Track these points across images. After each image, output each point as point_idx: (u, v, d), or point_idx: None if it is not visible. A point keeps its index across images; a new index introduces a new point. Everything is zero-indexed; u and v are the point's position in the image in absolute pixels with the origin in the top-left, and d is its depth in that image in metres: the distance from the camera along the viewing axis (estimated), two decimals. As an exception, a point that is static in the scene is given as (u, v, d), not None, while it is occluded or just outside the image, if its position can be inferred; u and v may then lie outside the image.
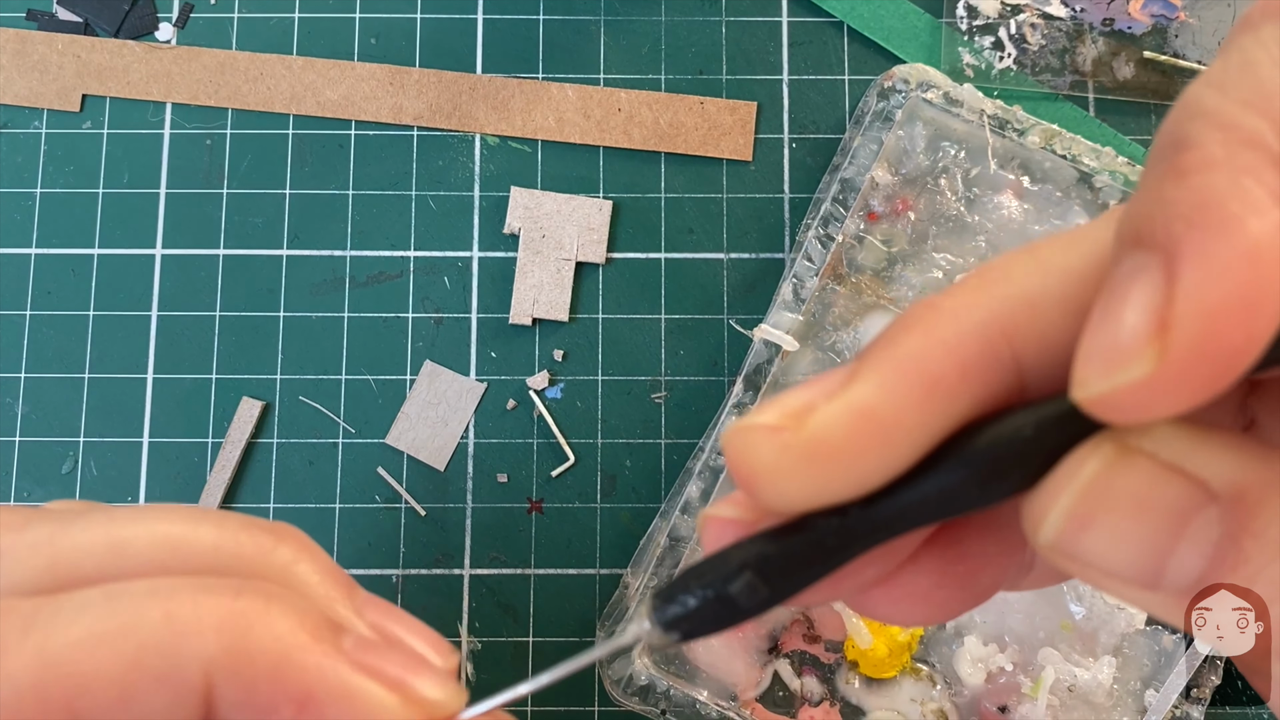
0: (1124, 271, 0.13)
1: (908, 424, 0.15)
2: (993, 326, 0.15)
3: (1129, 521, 0.14)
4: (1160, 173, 0.13)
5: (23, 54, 0.45)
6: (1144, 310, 0.13)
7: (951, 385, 0.15)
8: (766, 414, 0.16)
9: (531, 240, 0.43)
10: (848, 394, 0.15)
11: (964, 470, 0.15)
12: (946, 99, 0.41)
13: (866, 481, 0.15)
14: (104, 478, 0.42)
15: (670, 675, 0.39)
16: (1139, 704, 0.38)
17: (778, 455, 0.15)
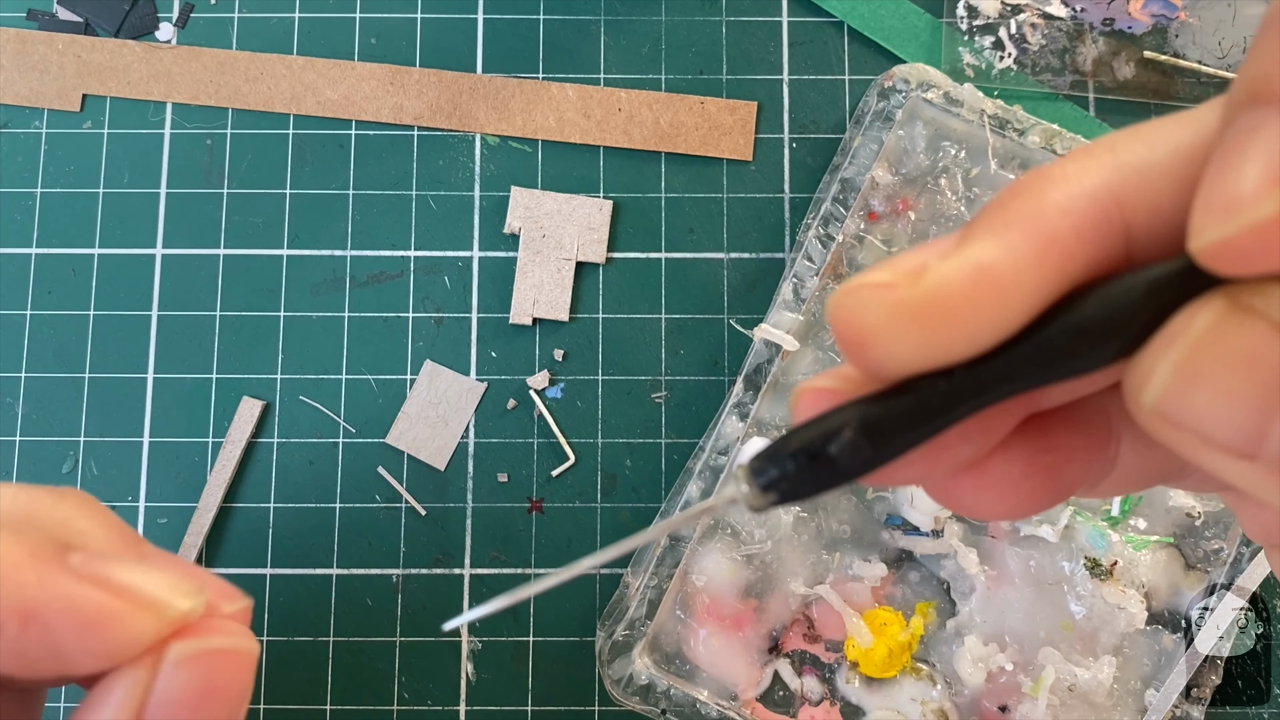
0: (1241, 125, 0.13)
1: (1024, 281, 0.15)
2: (1104, 191, 0.15)
3: (1237, 381, 0.14)
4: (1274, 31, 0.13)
5: (23, 54, 0.45)
6: (1265, 157, 0.13)
7: (1067, 245, 0.15)
8: (878, 273, 0.16)
9: (532, 240, 0.43)
10: (964, 252, 0.15)
11: (1073, 331, 0.15)
12: (947, 99, 0.41)
13: (979, 341, 0.15)
14: (104, 478, 0.42)
15: (670, 675, 0.39)
16: (1139, 704, 0.38)
17: (891, 313, 0.15)
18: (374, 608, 0.42)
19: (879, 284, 0.15)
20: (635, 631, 0.39)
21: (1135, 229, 0.15)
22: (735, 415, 0.40)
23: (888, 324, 0.15)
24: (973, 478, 0.17)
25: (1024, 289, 0.15)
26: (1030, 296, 0.15)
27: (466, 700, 0.41)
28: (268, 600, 0.42)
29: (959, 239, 0.16)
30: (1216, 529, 0.39)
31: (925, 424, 0.16)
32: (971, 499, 0.18)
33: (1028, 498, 0.18)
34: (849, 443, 0.16)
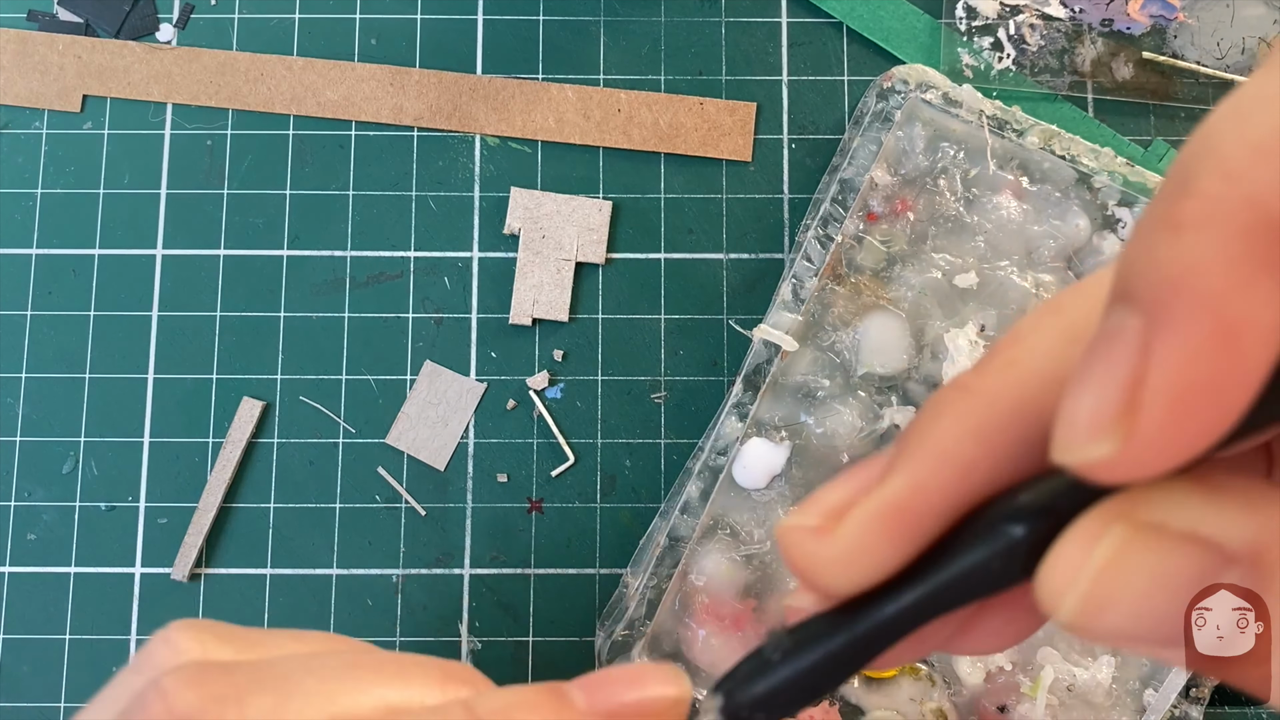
0: (1107, 329, 0.13)
1: (938, 512, 0.16)
2: (1023, 406, 0.16)
3: (1148, 598, 0.14)
4: (1158, 220, 0.13)
5: (24, 54, 0.45)
6: (1117, 383, 0.13)
7: (984, 470, 0.16)
8: (808, 515, 0.17)
9: (531, 240, 0.43)
10: (879, 492, 0.16)
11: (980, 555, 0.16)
12: (945, 100, 0.42)
13: (899, 564, 0.16)
14: (104, 478, 0.42)
15: (670, 675, 0.39)
16: (1138, 703, 0.39)
17: (817, 558, 0.17)
18: (374, 608, 0.42)
19: (808, 529, 0.17)
20: (635, 631, 0.39)
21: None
22: (735, 415, 0.40)
23: (817, 563, 0.17)
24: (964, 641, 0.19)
25: (940, 517, 0.16)
26: (947, 520, 0.16)
27: (466, 700, 0.41)
28: (268, 600, 0.42)
29: (883, 469, 0.17)
30: (1215, 529, 0.39)
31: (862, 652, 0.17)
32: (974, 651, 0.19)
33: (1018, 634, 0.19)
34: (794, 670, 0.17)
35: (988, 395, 0.16)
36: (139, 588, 0.42)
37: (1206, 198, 0.12)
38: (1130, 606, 0.14)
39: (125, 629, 0.42)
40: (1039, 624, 0.19)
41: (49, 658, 0.41)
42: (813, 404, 0.41)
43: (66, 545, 0.42)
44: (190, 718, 0.19)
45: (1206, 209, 0.12)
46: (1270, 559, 0.14)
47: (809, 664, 0.17)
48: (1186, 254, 0.12)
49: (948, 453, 0.16)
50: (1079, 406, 0.14)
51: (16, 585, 0.42)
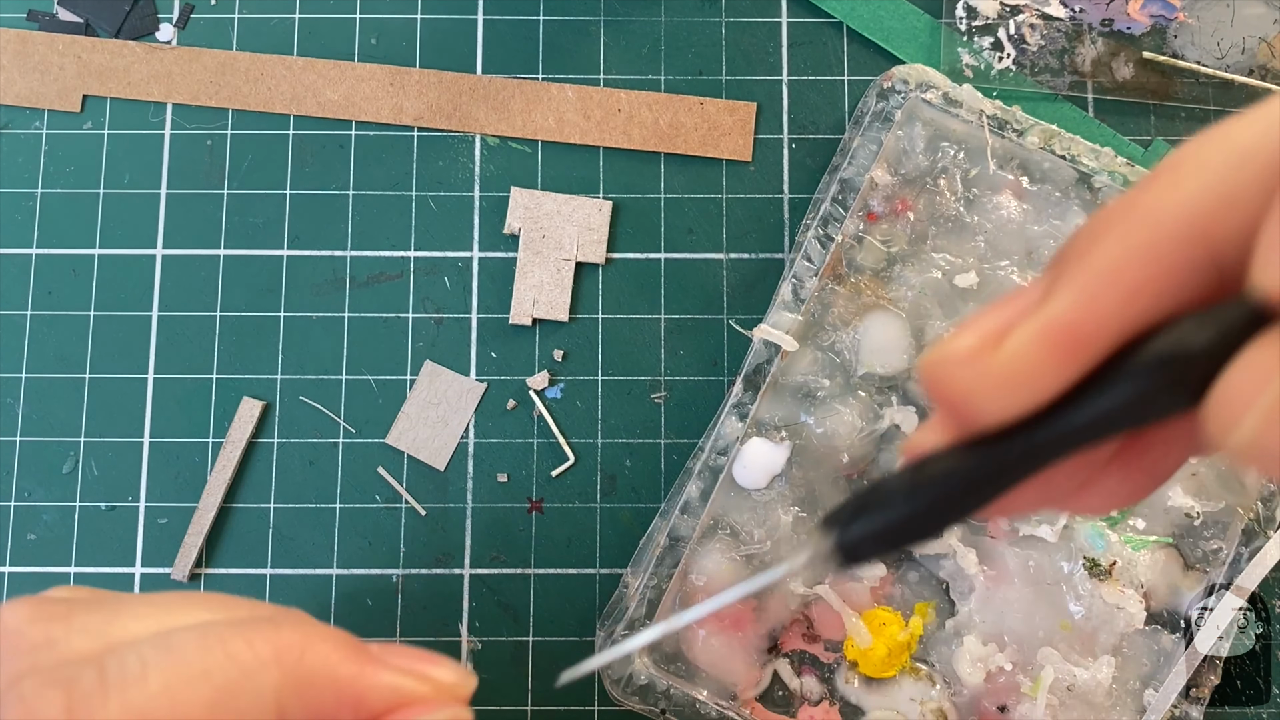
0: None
1: (1105, 334, 0.15)
2: (1191, 227, 0.15)
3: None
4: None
5: (24, 54, 0.45)
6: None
7: (1151, 293, 0.15)
8: (965, 338, 0.16)
9: (531, 240, 0.43)
10: (1045, 311, 0.16)
11: (1136, 385, 0.15)
12: (946, 99, 0.42)
13: (1060, 390, 0.16)
14: (104, 478, 0.42)
15: (670, 675, 0.39)
16: (1138, 704, 0.39)
17: (976, 381, 0.16)
18: (374, 608, 0.42)
19: (965, 353, 0.16)
20: (635, 631, 0.39)
21: (1225, 258, 0.15)
22: (735, 415, 0.40)
23: (973, 390, 0.16)
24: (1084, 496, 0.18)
25: (1105, 340, 0.15)
26: (1114, 343, 0.15)
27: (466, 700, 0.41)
28: (268, 600, 0.42)
29: (1043, 290, 0.16)
30: (1215, 529, 0.40)
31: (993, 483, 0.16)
32: (1085, 510, 0.19)
33: (1135, 495, 0.18)
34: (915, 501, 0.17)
35: (1155, 213, 0.15)
36: (139, 588, 0.42)
37: None
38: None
39: (125, 629, 0.42)
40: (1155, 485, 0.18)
41: (49, 658, 0.41)
42: (813, 404, 0.41)
43: (66, 545, 0.42)
44: (16, 630, 0.20)
45: None
46: None
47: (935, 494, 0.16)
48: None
49: (1115, 271, 0.15)
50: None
51: (16, 585, 0.42)
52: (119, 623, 0.21)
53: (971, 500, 0.16)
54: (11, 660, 0.20)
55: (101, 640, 0.21)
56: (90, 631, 0.21)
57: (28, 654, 0.20)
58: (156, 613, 0.21)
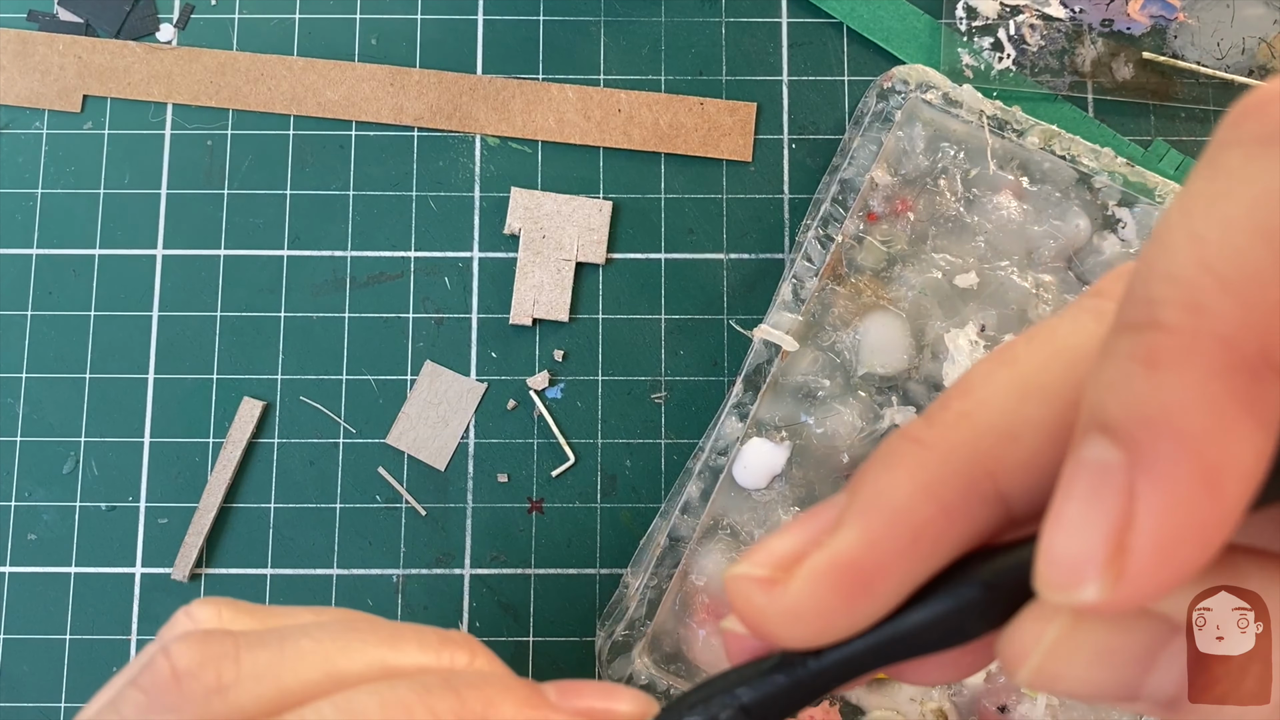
0: (1086, 460, 0.13)
1: (891, 574, 0.16)
2: (975, 464, 0.15)
3: (1097, 670, 0.15)
4: (1130, 349, 0.13)
5: (24, 55, 0.45)
6: (1104, 529, 0.13)
7: (936, 531, 0.16)
8: (758, 563, 0.17)
9: (531, 241, 0.43)
10: (831, 544, 0.16)
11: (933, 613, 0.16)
12: (946, 100, 0.42)
13: (852, 627, 0.16)
14: (104, 478, 0.42)
15: (670, 675, 0.39)
16: (1138, 703, 0.39)
17: (768, 610, 0.16)
18: (374, 608, 0.42)
19: (758, 579, 0.17)
20: (635, 631, 0.39)
21: (1011, 492, 0.15)
22: (735, 416, 0.40)
23: (766, 615, 0.16)
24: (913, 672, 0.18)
25: (891, 579, 0.16)
26: (899, 585, 0.16)
27: (466, 700, 0.41)
28: (268, 600, 0.42)
29: (833, 520, 0.16)
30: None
31: (800, 697, 0.17)
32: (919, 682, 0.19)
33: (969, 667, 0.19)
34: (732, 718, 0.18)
35: (940, 449, 0.16)
36: (139, 588, 0.42)
37: (1178, 333, 0.12)
38: (1081, 677, 0.15)
39: (125, 629, 0.42)
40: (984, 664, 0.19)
41: (49, 658, 0.41)
42: (813, 404, 0.41)
43: (67, 545, 0.42)
44: (189, 672, 0.20)
45: (1180, 346, 0.12)
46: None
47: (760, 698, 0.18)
48: (1165, 394, 0.12)
49: (900, 510, 0.15)
50: (1065, 546, 0.13)
51: (16, 585, 0.42)
52: (288, 665, 0.20)
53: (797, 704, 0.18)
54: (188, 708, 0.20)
55: (275, 688, 0.20)
56: (261, 677, 0.20)
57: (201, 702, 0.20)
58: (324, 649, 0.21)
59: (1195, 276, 0.12)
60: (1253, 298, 0.12)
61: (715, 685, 0.18)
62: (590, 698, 0.21)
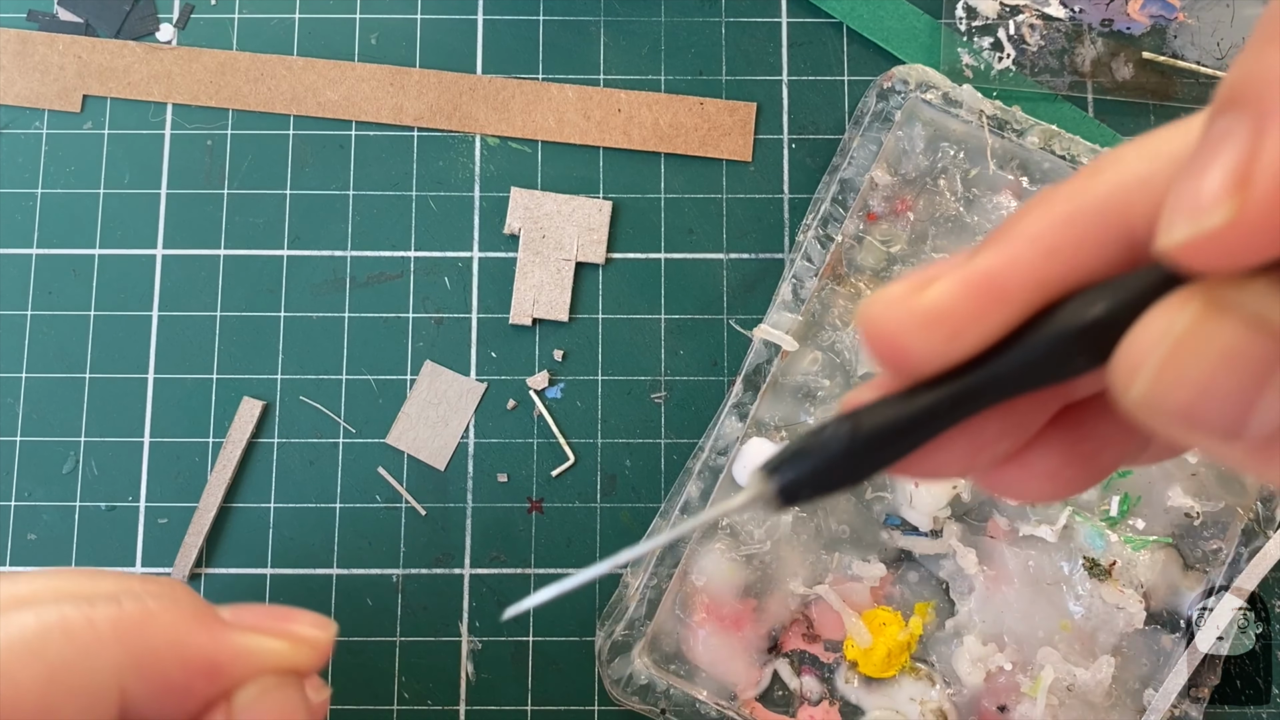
0: (1216, 130, 0.14)
1: (1023, 286, 0.16)
2: (1108, 204, 0.16)
3: (1216, 376, 0.14)
4: (1261, 39, 0.14)
5: (24, 55, 0.45)
6: (1229, 164, 0.14)
7: (1069, 254, 0.16)
8: (896, 286, 0.17)
9: (531, 240, 0.43)
10: (969, 263, 0.17)
11: (1056, 339, 0.16)
12: (945, 99, 0.42)
13: (982, 339, 0.17)
14: (104, 477, 0.42)
15: (670, 675, 0.39)
16: (1138, 703, 0.39)
17: (902, 318, 0.17)
18: (374, 608, 0.42)
19: (895, 293, 0.17)
20: (635, 631, 0.39)
21: (1141, 236, 0.16)
22: (735, 415, 0.40)
23: (899, 327, 0.17)
24: (1015, 469, 0.19)
25: (1025, 294, 0.16)
26: (1031, 298, 0.16)
27: (466, 700, 0.41)
28: (268, 600, 0.42)
29: (970, 254, 0.17)
30: (1215, 529, 0.40)
31: (919, 429, 0.17)
32: (1017, 487, 0.19)
33: (1069, 483, 0.19)
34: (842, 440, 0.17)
35: (1076, 190, 0.17)
36: (139, 588, 0.42)
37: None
38: (1200, 383, 0.14)
39: (125, 629, 0.42)
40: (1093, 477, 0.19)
41: (49, 657, 0.41)
42: (813, 404, 0.41)
43: (66, 545, 0.42)
44: None
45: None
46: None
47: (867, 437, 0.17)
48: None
49: (1035, 235, 0.16)
50: (1188, 187, 0.14)
51: (17, 585, 0.42)
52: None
53: (901, 445, 0.17)
54: None
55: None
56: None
57: None
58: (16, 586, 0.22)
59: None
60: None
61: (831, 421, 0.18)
62: (265, 618, 0.22)
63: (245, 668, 0.21)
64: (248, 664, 0.21)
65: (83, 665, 0.20)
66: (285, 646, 0.22)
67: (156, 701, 0.21)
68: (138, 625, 0.21)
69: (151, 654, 0.20)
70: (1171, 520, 0.40)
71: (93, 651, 0.20)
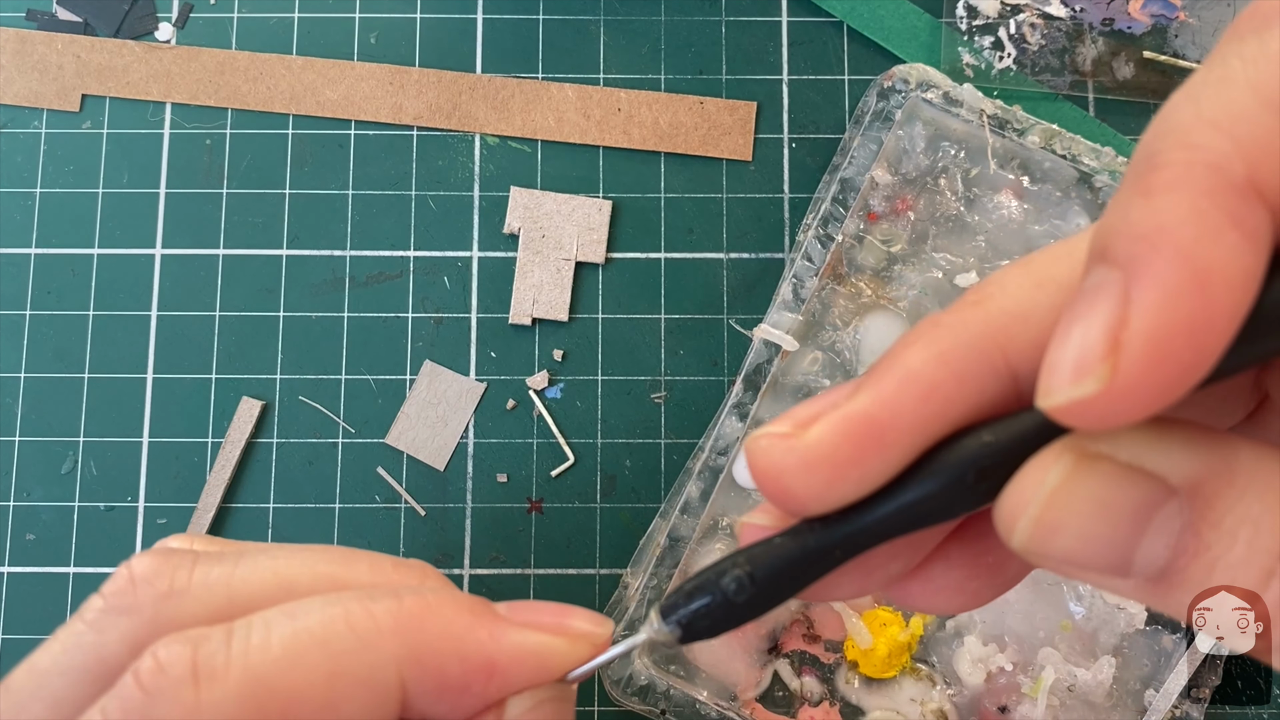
0: (1088, 286, 0.14)
1: (902, 428, 0.16)
2: (988, 339, 0.16)
3: (1094, 523, 0.15)
4: (1130, 189, 0.14)
5: (22, 54, 0.45)
6: (1100, 329, 0.14)
7: (946, 393, 0.16)
8: (780, 423, 0.17)
9: (531, 240, 0.43)
10: (850, 403, 0.17)
11: (936, 482, 0.16)
12: (946, 99, 0.41)
13: (865, 483, 0.17)
14: (104, 477, 0.42)
15: (670, 675, 0.39)
16: (1138, 704, 0.38)
17: (784, 459, 0.17)
18: (373, 608, 0.42)
19: (778, 434, 0.17)
20: (635, 631, 0.39)
21: (1021, 369, 0.16)
22: (735, 415, 0.40)
23: (782, 468, 0.17)
24: (919, 584, 0.19)
25: (902, 435, 0.16)
26: (910, 441, 0.17)
27: (466, 700, 0.41)
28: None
29: (852, 389, 0.17)
30: (1216, 529, 0.39)
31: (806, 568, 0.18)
32: (923, 602, 0.19)
33: (975, 595, 0.19)
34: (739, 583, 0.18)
35: (955, 326, 0.17)
36: (138, 588, 0.42)
37: (1173, 166, 0.14)
38: (1077, 530, 0.15)
39: (124, 629, 0.42)
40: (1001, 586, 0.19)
41: (48, 658, 0.41)
42: (813, 404, 0.41)
43: (66, 545, 0.42)
44: (144, 579, 0.21)
45: (1174, 175, 0.14)
46: (1207, 491, 0.15)
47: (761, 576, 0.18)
48: (1158, 214, 0.14)
49: (913, 373, 0.16)
50: (1063, 353, 0.14)
51: (16, 585, 0.42)
52: (239, 575, 0.21)
53: (797, 582, 0.18)
54: (142, 609, 0.21)
55: (225, 594, 0.21)
56: (213, 585, 0.21)
57: (155, 604, 0.21)
58: (277, 565, 0.22)
59: (1191, 123, 0.14)
60: (1242, 134, 0.14)
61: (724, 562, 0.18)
62: (543, 614, 0.22)
63: (523, 667, 0.21)
64: (525, 663, 0.21)
65: (366, 658, 0.20)
66: (563, 644, 0.21)
67: (434, 698, 0.20)
68: (418, 619, 0.20)
69: (430, 649, 0.20)
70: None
71: (373, 644, 0.20)
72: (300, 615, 0.20)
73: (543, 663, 0.21)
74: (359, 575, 0.22)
